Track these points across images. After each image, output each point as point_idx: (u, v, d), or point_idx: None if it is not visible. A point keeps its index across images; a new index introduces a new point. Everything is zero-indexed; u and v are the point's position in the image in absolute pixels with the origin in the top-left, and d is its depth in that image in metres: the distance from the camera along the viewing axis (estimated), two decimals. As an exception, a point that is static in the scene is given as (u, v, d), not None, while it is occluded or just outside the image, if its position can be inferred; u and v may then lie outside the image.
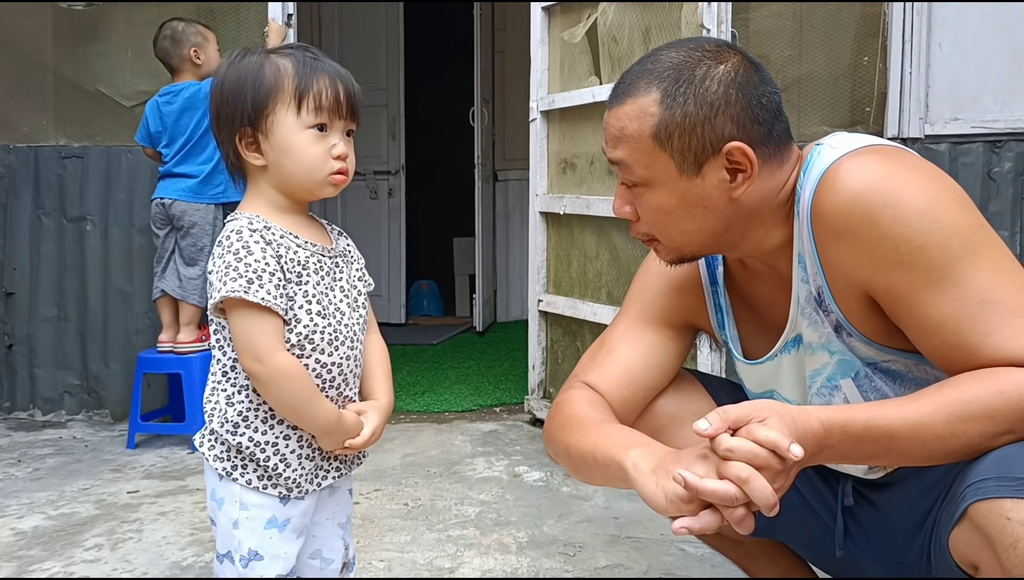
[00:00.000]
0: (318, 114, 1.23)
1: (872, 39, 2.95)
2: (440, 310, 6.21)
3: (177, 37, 3.07)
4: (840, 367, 1.20)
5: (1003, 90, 2.88)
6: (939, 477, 1.17)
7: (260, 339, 1.20)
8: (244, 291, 1.18)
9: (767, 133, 1.16)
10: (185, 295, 3.07)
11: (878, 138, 1.20)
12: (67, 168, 3.45)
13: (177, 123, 3.05)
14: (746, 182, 1.15)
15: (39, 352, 3.49)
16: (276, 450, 1.26)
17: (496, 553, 2.09)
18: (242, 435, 1.25)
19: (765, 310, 1.31)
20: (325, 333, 1.26)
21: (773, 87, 1.18)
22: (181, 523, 2.30)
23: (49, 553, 2.11)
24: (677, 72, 1.15)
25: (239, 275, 1.18)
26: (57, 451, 3.01)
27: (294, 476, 1.27)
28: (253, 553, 1.26)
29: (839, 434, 1.02)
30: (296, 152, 1.24)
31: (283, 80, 1.23)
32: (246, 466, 1.26)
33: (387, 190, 5.68)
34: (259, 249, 1.21)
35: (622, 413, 1.32)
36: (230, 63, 1.27)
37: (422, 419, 3.41)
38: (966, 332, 1.04)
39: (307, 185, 1.26)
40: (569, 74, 3.13)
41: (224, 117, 1.25)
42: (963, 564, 1.05)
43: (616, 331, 1.40)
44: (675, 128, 1.14)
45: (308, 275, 1.26)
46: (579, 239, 3.13)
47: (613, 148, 1.20)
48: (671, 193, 1.17)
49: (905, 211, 1.07)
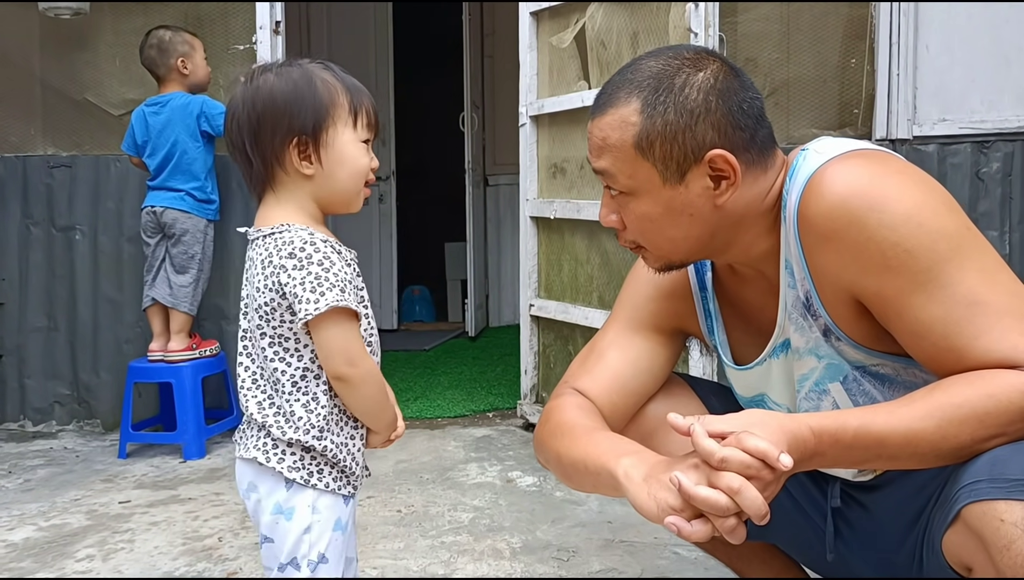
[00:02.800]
0: (369, 130, 1.31)
1: (859, 41, 2.96)
2: (432, 315, 6.20)
3: (164, 47, 3.05)
4: (828, 371, 1.21)
5: (990, 90, 2.89)
6: (929, 479, 1.17)
7: (353, 344, 1.25)
8: (341, 301, 1.22)
9: (750, 139, 1.16)
10: (176, 303, 3.06)
11: (864, 142, 1.21)
12: (55, 177, 3.43)
13: (161, 134, 3.04)
14: (730, 189, 1.15)
15: (29, 362, 3.47)
16: (348, 450, 1.30)
17: (490, 559, 2.08)
18: (326, 438, 1.27)
19: (754, 315, 1.31)
20: (372, 340, 1.33)
21: (754, 92, 1.18)
22: (173, 533, 2.29)
23: (40, 564, 2.10)
24: (657, 81, 1.15)
25: (332, 286, 1.22)
26: (48, 462, 3.00)
27: (358, 473, 1.33)
28: (322, 556, 1.28)
29: (830, 441, 1.02)
30: (352, 163, 1.30)
31: (338, 95, 1.28)
32: (322, 470, 1.28)
33: (378, 196, 5.68)
34: (337, 258, 1.25)
35: (612, 419, 1.32)
36: (275, 74, 1.28)
37: (415, 425, 3.40)
38: (955, 335, 1.04)
39: (349, 196, 1.32)
40: (558, 79, 3.13)
41: (275, 126, 1.26)
42: (956, 566, 1.05)
43: (606, 337, 1.40)
44: (656, 137, 1.14)
45: (361, 282, 1.31)
46: (570, 243, 3.13)
47: (597, 158, 1.20)
48: (655, 202, 1.17)
49: (891, 215, 1.07)
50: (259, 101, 1.27)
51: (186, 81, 3.08)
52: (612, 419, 1.32)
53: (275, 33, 3.16)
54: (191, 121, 3.03)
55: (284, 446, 1.27)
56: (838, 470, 1.32)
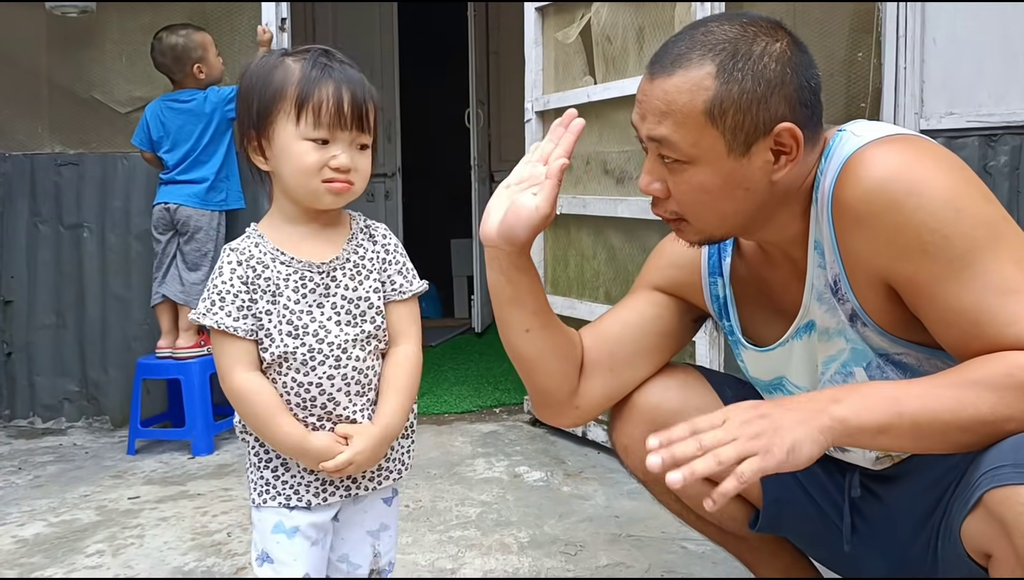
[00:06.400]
0: (317, 127, 1.21)
1: (866, 35, 2.95)
2: (439, 312, 6.20)
3: (178, 54, 3.06)
4: (854, 355, 1.20)
5: (998, 84, 2.88)
6: (946, 470, 1.16)
7: (221, 360, 1.25)
8: (203, 314, 1.23)
9: (810, 116, 1.14)
10: (188, 300, 3.06)
11: (901, 127, 1.20)
12: (63, 175, 3.44)
13: (181, 129, 3.06)
14: (789, 165, 1.13)
15: (38, 360, 3.48)
16: (278, 454, 1.28)
17: (497, 553, 2.09)
18: (250, 435, 1.30)
19: (776, 295, 1.30)
20: (298, 352, 1.25)
21: (816, 70, 1.16)
22: (182, 528, 2.30)
23: (51, 560, 2.11)
24: (734, 46, 1.11)
25: (205, 298, 1.24)
26: (57, 458, 3.01)
27: (293, 483, 1.28)
28: (265, 555, 1.29)
29: (846, 388, 1.06)
30: (294, 161, 1.22)
31: (287, 87, 1.22)
32: (267, 489, 1.30)
33: (384, 193, 5.67)
34: (229, 270, 1.24)
35: (608, 365, 1.38)
36: (254, 65, 1.29)
37: (422, 421, 3.41)
38: (986, 322, 1.04)
39: (302, 194, 1.25)
40: (563, 74, 3.13)
41: (240, 119, 1.29)
42: (974, 553, 1.04)
43: (624, 298, 1.47)
44: (731, 105, 1.10)
45: (286, 293, 1.25)
46: (576, 239, 3.13)
47: (656, 123, 1.13)
48: (715, 172, 1.13)
49: (929, 200, 1.06)
50: (237, 96, 1.32)
51: (202, 82, 3.10)
52: (608, 365, 1.38)
53: (281, 31, 3.17)
54: (217, 114, 3.07)
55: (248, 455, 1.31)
56: (857, 458, 1.31)
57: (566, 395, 1.37)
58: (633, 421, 1.43)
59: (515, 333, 1.32)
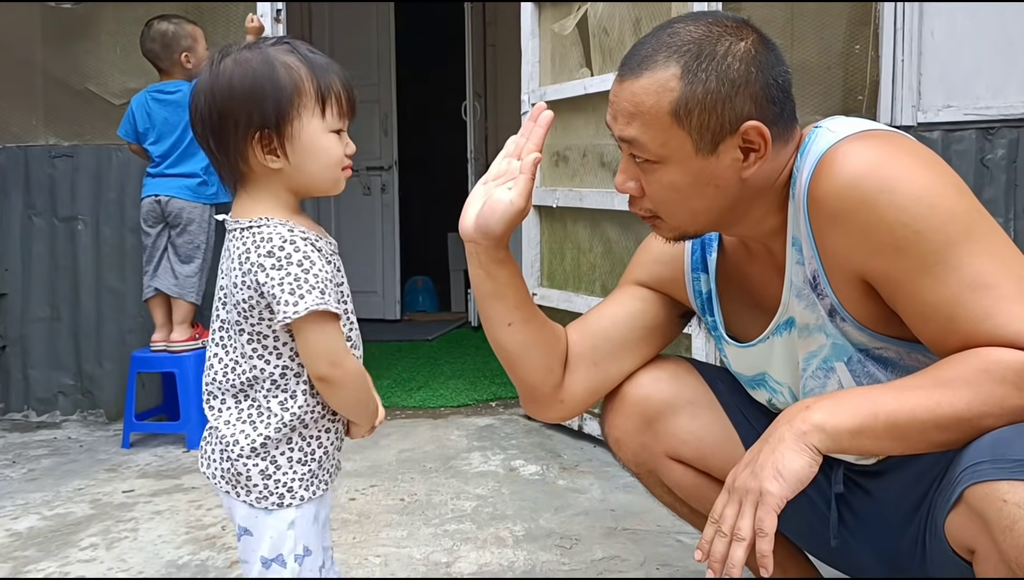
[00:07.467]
0: (341, 118, 1.24)
1: (864, 28, 2.94)
2: (435, 306, 6.20)
3: (167, 41, 3.04)
4: (834, 350, 1.20)
5: (995, 77, 2.87)
6: (931, 464, 1.16)
7: (335, 346, 1.21)
8: (321, 304, 1.17)
9: (779, 113, 1.15)
10: (182, 293, 3.05)
11: (876, 123, 1.20)
12: (57, 167, 3.43)
13: (167, 122, 3.04)
14: (758, 162, 1.14)
15: (32, 353, 3.47)
16: (320, 443, 1.27)
17: (493, 547, 2.08)
18: (295, 434, 1.25)
19: (757, 291, 1.30)
20: (354, 330, 1.30)
21: (785, 66, 1.17)
22: (176, 522, 2.29)
23: (44, 553, 2.10)
24: (698, 47, 1.12)
25: (312, 288, 1.17)
26: (52, 451, 3.00)
27: (328, 468, 1.30)
28: (306, 550, 1.26)
29: (821, 396, 1.08)
30: (323, 155, 1.23)
31: (303, 82, 1.20)
32: (291, 488, 1.25)
33: (380, 186, 5.67)
34: (317, 257, 1.20)
35: (592, 358, 1.40)
36: (233, 61, 1.20)
37: (418, 415, 3.40)
38: (961, 317, 1.04)
39: (326, 185, 1.26)
40: (560, 66, 3.11)
41: (236, 120, 1.19)
42: (959, 549, 1.04)
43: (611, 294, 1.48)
44: (696, 105, 1.11)
45: (341, 276, 1.28)
46: (572, 232, 3.12)
47: (626, 124, 1.16)
48: (684, 171, 1.15)
49: (902, 196, 1.06)
50: (218, 93, 1.19)
51: (189, 72, 3.08)
52: (591, 359, 1.39)
53: (276, 21, 3.15)
54: None
55: (246, 461, 1.23)
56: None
57: (551, 389, 1.39)
58: (624, 413, 1.43)
59: (498, 327, 1.34)
